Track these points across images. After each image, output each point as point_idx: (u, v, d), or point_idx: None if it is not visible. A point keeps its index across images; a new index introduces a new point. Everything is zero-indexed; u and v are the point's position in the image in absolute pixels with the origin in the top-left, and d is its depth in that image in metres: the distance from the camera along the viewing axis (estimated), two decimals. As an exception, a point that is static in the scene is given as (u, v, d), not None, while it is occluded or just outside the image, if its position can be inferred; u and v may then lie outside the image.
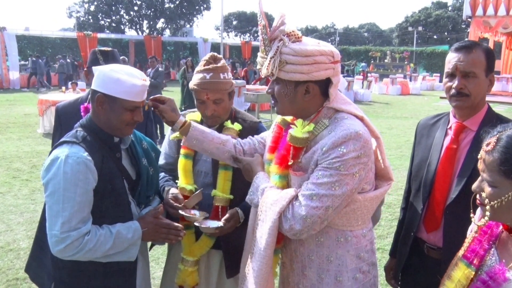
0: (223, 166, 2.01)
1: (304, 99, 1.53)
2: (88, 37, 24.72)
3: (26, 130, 10.37)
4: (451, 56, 1.77)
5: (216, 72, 1.99)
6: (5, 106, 14.54)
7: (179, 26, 49.95)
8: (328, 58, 1.49)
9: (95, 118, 1.74)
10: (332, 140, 1.44)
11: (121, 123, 1.71)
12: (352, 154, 1.42)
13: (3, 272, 3.77)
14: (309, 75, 1.47)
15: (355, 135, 1.43)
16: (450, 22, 57.51)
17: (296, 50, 1.45)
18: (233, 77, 15.21)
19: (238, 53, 34.84)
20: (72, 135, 1.71)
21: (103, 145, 1.73)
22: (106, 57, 2.50)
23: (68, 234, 1.57)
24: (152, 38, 29.49)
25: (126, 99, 1.68)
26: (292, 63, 1.46)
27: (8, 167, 7.02)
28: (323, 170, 1.44)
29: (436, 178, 1.82)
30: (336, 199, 1.43)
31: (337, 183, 1.42)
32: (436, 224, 1.81)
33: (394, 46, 46.59)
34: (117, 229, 1.68)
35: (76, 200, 1.58)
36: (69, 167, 1.58)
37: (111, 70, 1.67)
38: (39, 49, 27.10)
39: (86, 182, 1.61)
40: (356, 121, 1.52)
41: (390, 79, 22.74)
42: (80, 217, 1.60)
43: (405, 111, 15.11)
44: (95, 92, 1.70)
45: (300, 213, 1.44)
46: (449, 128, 1.85)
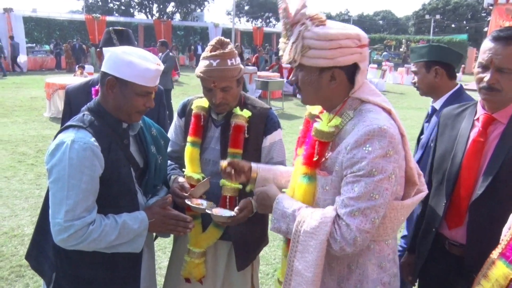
0: (231, 155, 1.96)
1: (330, 87, 1.44)
2: (97, 20, 24.66)
3: (32, 113, 10.26)
4: (487, 46, 1.63)
5: (223, 58, 1.90)
6: (12, 89, 14.47)
7: (190, 10, 49.56)
8: (354, 42, 1.39)
9: (103, 102, 1.68)
10: (355, 138, 1.35)
11: (132, 108, 1.66)
12: (379, 152, 1.32)
13: (6, 258, 3.72)
14: (334, 60, 1.38)
15: (378, 131, 1.33)
16: (470, 10, 56.52)
17: (319, 34, 1.37)
18: (245, 63, 14.66)
19: (249, 39, 34.62)
20: (78, 119, 1.64)
21: (111, 130, 1.67)
22: (121, 37, 2.40)
23: (72, 223, 1.51)
24: (162, 22, 29.40)
25: (138, 83, 1.61)
26: (315, 48, 1.38)
27: (14, 151, 6.95)
28: (355, 181, 1.34)
29: (461, 172, 1.73)
30: (379, 208, 1.35)
31: (375, 191, 1.33)
32: (460, 221, 1.73)
33: (410, 35, 45.60)
34: (123, 219, 1.63)
35: (81, 187, 1.53)
36: (75, 153, 1.52)
37: (123, 52, 1.61)
38: (46, 32, 26.75)
39: (92, 169, 1.55)
40: (382, 114, 1.41)
41: (405, 68, 22.43)
42: (85, 205, 1.54)
43: (420, 101, 14.75)
44: (106, 75, 1.63)
45: (350, 236, 1.34)
46: (477, 120, 1.75)
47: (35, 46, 25.59)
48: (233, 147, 1.98)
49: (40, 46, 26.18)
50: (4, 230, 4.24)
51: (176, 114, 2.19)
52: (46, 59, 22.84)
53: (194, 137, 2.03)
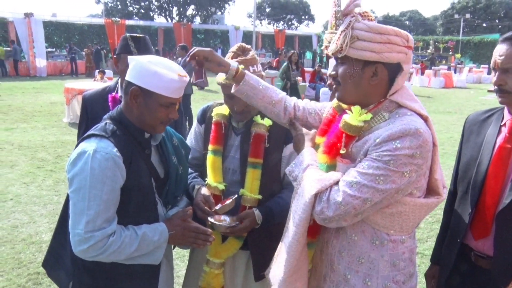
0: (251, 164, 1.94)
1: (370, 83, 1.42)
2: (116, 24, 24.65)
3: (51, 119, 10.33)
4: (495, 49, 1.65)
5: (245, 65, 1.85)
6: (31, 94, 14.62)
7: (210, 13, 49.47)
8: (402, 41, 1.39)
9: (126, 111, 1.66)
10: (388, 133, 1.33)
11: (155, 120, 1.64)
12: (405, 151, 1.31)
13: (24, 265, 3.70)
14: (380, 54, 1.38)
15: (414, 131, 1.31)
16: (503, 8, 54.69)
17: (370, 26, 1.38)
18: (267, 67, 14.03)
19: (271, 42, 34.22)
20: (101, 128, 1.62)
21: (133, 140, 1.65)
22: (138, 44, 2.37)
23: (92, 234, 1.50)
24: (182, 26, 29.38)
25: (163, 94, 1.60)
26: (364, 39, 1.37)
27: (33, 157, 6.96)
28: (371, 161, 1.34)
29: (486, 180, 1.67)
30: (377, 193, 1.33)
31: (382, 177, 1.32)
32: (486, 231, 1.66)
33: (438, 36, 44.12)
34: (143, 231, 1.61)
35: (102, 198, 1.51)
36: (97, 163, 1.51)
37: (149, 62, 1.59)
38: (66, 36, 26.93)
39: (114, 179, 1.53)
40: (420, 119, 1.39)
41: (433, 70, 22.05)
42: (106, 216, 1.53)
43: (448, 105, 14.54)
44: (130, 84, 1.61)
45: (336, 199, 1.36)
46: (503, 125, 1.69)
47: (55, 50, 25.70)
48: (254, 156, 1.95)
49: (60, 50, 26.29)
50: (22, 237, 4.22)
51: (195, 120, 2.17)
52: (66, 64, 22.87)
53: (215, 145, 2.01)
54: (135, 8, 47.12)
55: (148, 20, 40.32)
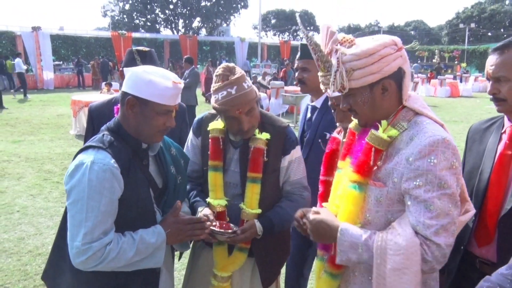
0: (251, 179, 1.95)
1: (384, 99, 1.43)
2: (123, 37, 24.81)
3: (58, 131, 10.38)
4: (487, 59, 1.70)
5: (239, 83, 1.85)
6: (39, 106, 14.70)
7: (216, 25, 49.76)
8: (392, 48, 1.40)
9: (123, 122, 1.66)
10: (418, 149, 1.33)
11: (152, 128, 1.64)
12: (444, 164, 1.31)
13: (30, 277, 3.70)
14: (381, 72, 1.38)
15: (442, 142, 1.32)
16: (508, 17, 54.67)
17: (358, 54, 1.37)
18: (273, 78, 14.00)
19: (276, 53, 34.25)
20: (98, 140, 1.62)
21: (131, 151, 1.65)
22: (144, 57, 2.39)
23: (90, 246, 1.50)
24: (188, 38, 29.48)
25: (158, 102, 1.60)
26: (359, 68, 1.37)
27: (40, 169, 6.98)
28: (428, 200, 1.31)
29: (489, 188, 1.69)
30: (455, 220, 1.34)
31: (451, 203, 1.32)
32: (489, 238, 1.69)
33: (443, 45, 44.08)
34: (139, 234, 1.60)
35: (100, 210, 1.51)
36: (95, 174, 1.50)
37: (143, 72, 1.61)
38: (73, 49, 27.21)
39: (111, 191, 1.53)
40: (439, 126, 1.39)
41: (439, 80, 21.95)
42: (103, 228, 1.53)
43: (454, 114, 14.48)
44: (126, 94, 1.62)
45: (440, 253, 1.32)
46: (504, 133, 1.73)
47: (62, 63, 25.96)
48: (253, 171, 1.95)
49: (67, 63, 26.54)
50: (28, 249, 4.22)
51: (191, 132, 2.17)
52: (73, 77, 23.06)
53: (215, 161, 2.00)
54: (141, 21, 47.54)
55: (154, 32, 40.59)
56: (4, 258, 4.01)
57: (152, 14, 46.87)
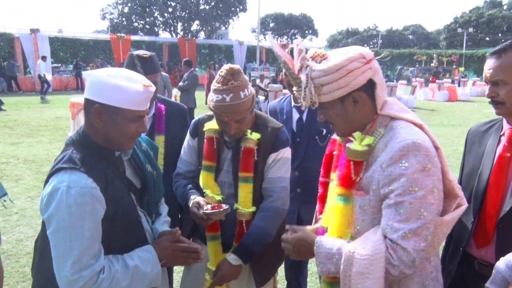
0: (242, 179, 1.97)
1: (356, 111, 1.45)
2: (122, 39, 24.81)
3: (57, 133, 10.34)
4: (485, 63, 1.71)
5: (236, 92, 1.85)
6: (37, 108, 14.68)
7: (214, 29, 49.76)
8: (359, 62, 1.40)
9: (91, 132, 1.53)
10: (390, 155, 1.35)
11: (124, 136, 1.53)
12: (416, 167, 1.31)
13: (29, 278, 3.67)
14: (349, 86, 1.41)
15: (412, 145, 1.33)
16: (505, 22, 54.72)
17: (325, 70, 1.40)
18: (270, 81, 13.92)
19: (275, 57, 33.96)
20: (67, 159, 1.47)
21: (104, 162, 1.53)
22: (144, 64, 2.31)
23: (80, 275, 1.40)
24: (187, 41, 29.50)
25: (129, 108, 1.49)
26: (327, 83, 1.41)
27: (38, 171, 6.97)
28: (398, 204, 1.32)
29: (488, 189, 1.71)
30: (430, 224, 1.33)
31: (422, 208, 1.31)
32: (488, 239, 1.70)
33: (442, 49, 44.24)
34: (134, 263, 1.51)
35: (84, 236, 1.41)
36: (73, 200, 1.38)
37: (108, 76, 1.48)
38: (72, 52, 27.20)
39: (94, 213, 1.43)
40: (414, 129, 1.41)
41: (437, 84, 21.92)
42: (92, 253, 1.43)
43: (452, 118, 14.52)
44: (91, 102, 1.49)
45: (408, 258, 1.32)
46: (502, 135, 1.74)
47: (61, 66, 25.94)
48: (244, 171, 1.97)
49: (66, 66, 26.52)
50: (27, 250, 4.21)
51: (188, 133, 2.18)
52: (71, 79, 23.04)
53: (208, 161, 2.03)
54: (140, 24, 47.52)
55: (153, 35, 40.57)
56: (3, 260, 3.97)
57: (151, 17, 46.86)
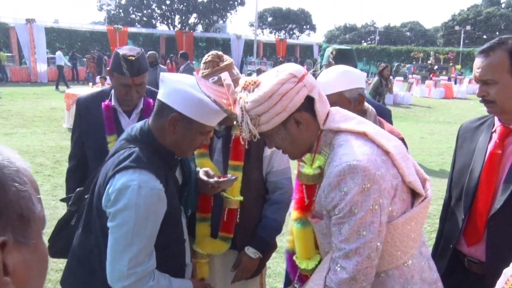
0: (232, 167, 1.97)
1: (301, 131, 1.41)
2: (119, 31, 24.69)
3: (51, 124, 10.27)
4: (475, 61, 1.69)
5: (230, 70, 1.85)
6: (32, 99, 14.59)
7: (212, 22, 49.60)
8: (291, 82, 1.34)
9: (158, 134, 1.57)
10: (329, 181, 1.33)
11: (191, 146, 1.62)
12: (355, 190, 1.28)
13: None
14: (287, 109, 1.35)
15: (348, 169, 1.29)
16: (503, 21, 54.82)
17: (257, 100, 1.34)
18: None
19: (272, 51, 34.23)
20: (136, 158, 1.51)
21: (165, 163, 1.60)
22: (131, 67, 2.20)
23: (134, 271, 1.47)
24: (184, 34, 29.35)
25: (205, 123, 1.55)
26: (263, 112, 1.35)
27: (31, 162, 6.90)
28: (340, 223, 1.32)
29: (479, 187, 1.69)
30: (371, 243, 1.30)
31: (361, 228, 1.30)
32: (478, 237, 1.69)
33: (439, 47, 44.27)
34: (177, 286, 1.59)
35: (146, 234, 1.48)
36: (142, 200, 1.45)
37: (192, 88, 1.51)
38: (68, 43, 27.02)
39: (157, 215, 1.50)
40: (353, 144, 1.35)
41: (433, 81, 21.87)
42: (147, 252, 1.50)
43: (448, 115, 14.48)
44: (169, 109, 1.52)
45: (345, 276, 1.32)
46: (494, 132, 1.73)
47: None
48: (234, 159, 1.97)
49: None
50: None
51: None
52: (67, 70, 22.90)
53: (200, 149, 1.98)
54: (138, 16, 47.31)
55: (150, 27, 40.43)
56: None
57: (149, 9, 46.65)
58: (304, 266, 1.49)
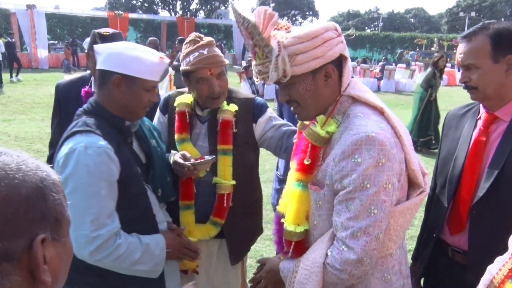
0: (222, 152, 1.94)
1: (326, 87, 1.36)
2: (120, 17, 24.56)
3: (50, 110, 10.09)
4: (458, 47, 1.68)
5: (211, 46, 1.91)
6: (32, 86, 14.59)
7: (214, 8, 49.17)
8: (334, 32, 1.33)
9: (106, 102, 1.62)
10: (342, 149, 1.27)
11: (139, 105, 1.63)
12: (369, 162, 1.23)
13: None
14: (325, 56, 1.31)
15: (366, 139, 1.24)
16: (509, 7, 54.29)
17: (301, 36, 1.28)
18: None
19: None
20: (82, 124, 1.56)
21: (116, 131, 1.62)
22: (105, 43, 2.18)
23: (99, 233, 1.46)
24: (185, 20, 29.14)
25: (147, 78, 1.59)
26: (302, 52, 1.28)
27: (28, 148, 6.96)
28: (348, 200, 1.27)
29: (463, 174, 1.66)
30: (381, 223, 1.27)
31: (373, 205, 1.25)
32: (461, 226, 1.66)
33: (443, 33, 43.81)
34: (147, 241, 1.59)
35: (102, 194, 1.48)
36: (91, 159, 1.46)
37: (127, 48, 1.59)
38: (69, 28, 26.90)
39: (109, 173, 1.50)
40: (371, 118, 1.31)
41: None
42: (107, 212, 1.50)
43: (450, 103, 14.13)
44: (109, 73, 1.57)
45: (352, 257, 1.27)
46: (479, 119, 1.70)
47: (57, 43, 25.73)
48: (223, 143, 1.96)
49: (62, 43, 26.29)
50: None
51: (158, 110, 2.14)
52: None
53: (182, 134, 1.99)
54: (139, 2, 46.98)
55: (151, 13, 40.15)
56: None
57: (150, -5, 46.23)
58: (292, 229, 1.43)
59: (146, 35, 17.00)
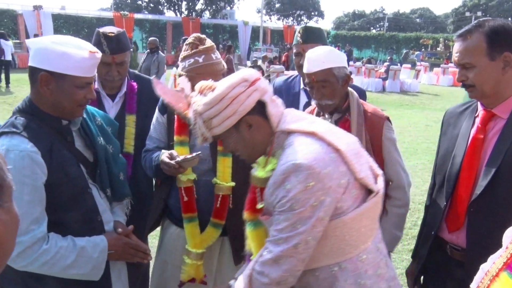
0: (221, 153, 1.95)
1: (253, 134, 1.43)
2: (125, 17, 24.65)
3: None
4: (454, 45, 1.68)
5: (208, 53, 1.91)
6: None
7: (219, 8, 49.20)
8: (242, 86, 1.38)
9: (37, 100, 1.54)
10: (273, 180, 1.36)
11: (73, 103, 1.54)
12: (298, 188, 1.29)
13: None
14: (237, 113, 1.38)
15: (292, 167, 1.31)
16: (516, 6, 53.25)
17: (208, 102, 1.38)
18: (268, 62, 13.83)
19: (280, 38, 34.05)
20: (10, 124, 1.49)
21: (50, 130, 1.54)
22: (111, 44, 2.18)
23: (19, 240, 1.36)
24: (191, 20, 29.16)
25: (77, 75, 1.50)
26: (215, 115, 1.38)
27: None
28: (279, 214, 1.35)
29: (461, 172, 1.68)
30: (303, 235, 1.32)
31: (298, 222, 1.31)
32: (459, 223, 1.68)
33: (449, 34, 43.60)
34: (82, 244, 1.53)
35: (24, 200, 1.40)
36: (11, 163, 1.34)
37: (53, 43, 1.49)
38: (75, 29, 27.05)
39: (33, 177, 1.44)
40: (301, 145, 1.36)
41: (442, 68, 21.47)
42: (31, 218, 1.43)
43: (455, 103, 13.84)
44: (36, 70, 1.49)
45: (268, 257, 1.35)
46: (477, 116, 1.71)
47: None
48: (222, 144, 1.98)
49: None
50: None
51: (157, 110, 2.13)
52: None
53: (180, 136, 1.99)
54: (144, 2, 47.14)
55: (157, 14, 40.28)
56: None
57: (155, -5, 46.38)
58: None
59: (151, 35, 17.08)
